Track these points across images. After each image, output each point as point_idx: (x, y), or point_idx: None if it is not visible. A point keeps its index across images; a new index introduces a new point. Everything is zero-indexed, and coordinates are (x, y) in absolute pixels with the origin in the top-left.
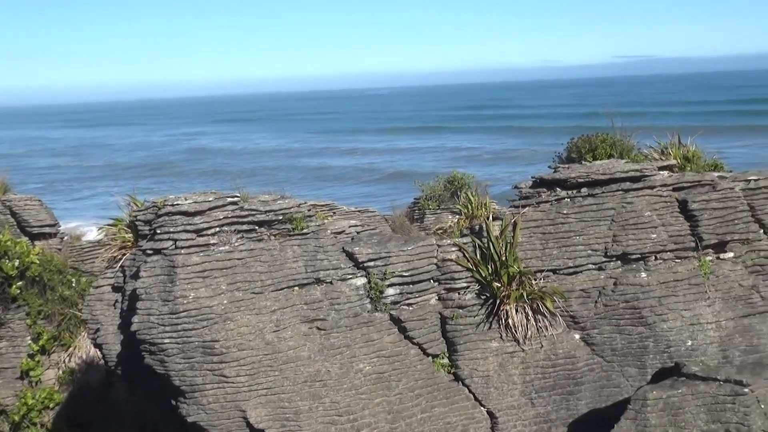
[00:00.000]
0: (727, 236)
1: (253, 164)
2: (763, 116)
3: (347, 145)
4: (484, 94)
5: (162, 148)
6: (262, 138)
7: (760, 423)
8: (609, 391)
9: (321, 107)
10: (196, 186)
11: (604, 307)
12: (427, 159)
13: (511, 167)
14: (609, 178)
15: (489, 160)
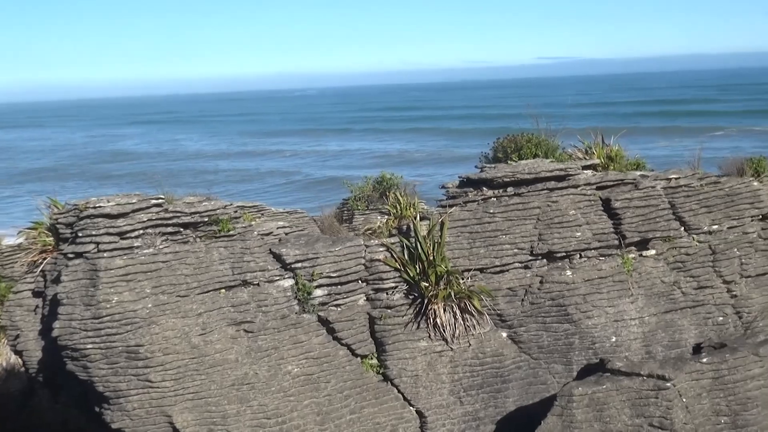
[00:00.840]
0: (650, 234)
1: (178, 166)
2: (679, 116)
3: (275, 147)
4: (409, 95)
5: (84, 150)
6: (189, 139)
7: (682, 416)
8: (536, 388)
9: (248, 108)
10: (120, 188)
11: (530, 305)
12: (354, 161)
13: (438, 169)
14: (534, 178)
15: (417, 162)
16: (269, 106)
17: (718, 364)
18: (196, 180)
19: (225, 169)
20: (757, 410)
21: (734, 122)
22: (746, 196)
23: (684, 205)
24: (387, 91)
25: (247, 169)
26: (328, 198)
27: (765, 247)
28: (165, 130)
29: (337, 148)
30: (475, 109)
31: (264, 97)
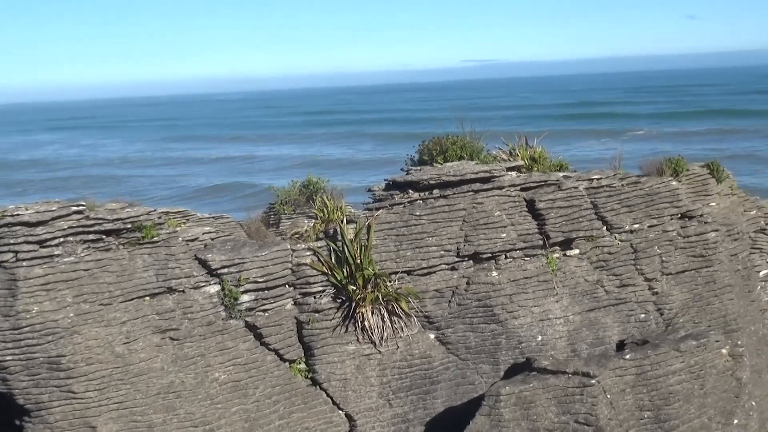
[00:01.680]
0: (573, 234)
1: (100, 172)
2: (600, 119)
3: (199, 153)
4: (335, 99)
5: (1, 156)
6: (112, 145)
7: (606, 412)
8: (464, 389)
9: (171, 113)
10: (40, 196)
11: (457, 307)
12: (276, 165)
13: (365, 173)
14: (460, 180)
15: (344, 166)
16: (192, 111)
17: (641, 360)
18: (119, 187)
19: (148, 175)
20: (679, 404)
21: (652, 124)
22: (666, 195)
23: (606, 204)
24: (317, 95)
25: (168, 175)
26: (252, 204)
27: (684, 245)
28: (86, 135)
29: (262, 153)
30: (403, 112)
31: (189, 101)
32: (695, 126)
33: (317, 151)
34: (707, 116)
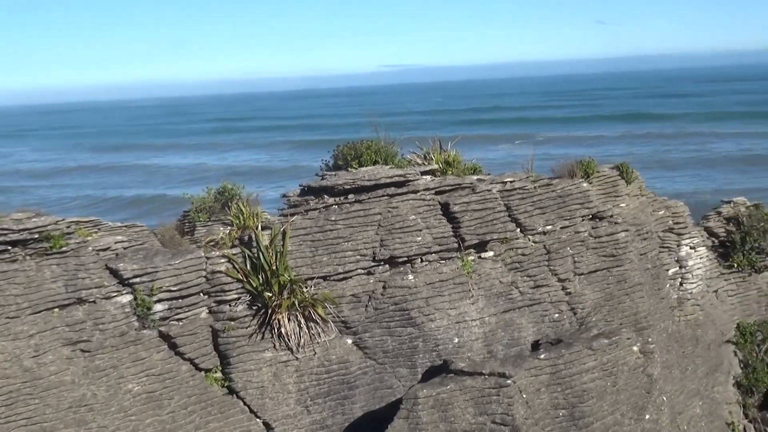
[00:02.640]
0: (487, 236)
1: (7, 183)
2: (511, 123)
3: (112, 162)
4: (253, 105)
5: None
6: (18, 153)
7: (522, 412)
8: (382, 393)
9: (81, 121)
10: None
11: (374, 311)
12: (194, 176)
13: (283, 180)
14: (374, 184)
15: (261, 174)
16: (104, 119)
17: (555, 360)
18: (26, 196)
19: (58, 185)
20: (593, 401)
21: (563, 128)
22: (577, 196)
23: (519, 207)
24: (233, 101)
25: (79, 184)
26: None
27: (596, 245)
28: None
29: (176, 162)
30: (321, 118)
31: (100, 108)
32: (604, 130)
33: (233, 160)
34: (616, 120)
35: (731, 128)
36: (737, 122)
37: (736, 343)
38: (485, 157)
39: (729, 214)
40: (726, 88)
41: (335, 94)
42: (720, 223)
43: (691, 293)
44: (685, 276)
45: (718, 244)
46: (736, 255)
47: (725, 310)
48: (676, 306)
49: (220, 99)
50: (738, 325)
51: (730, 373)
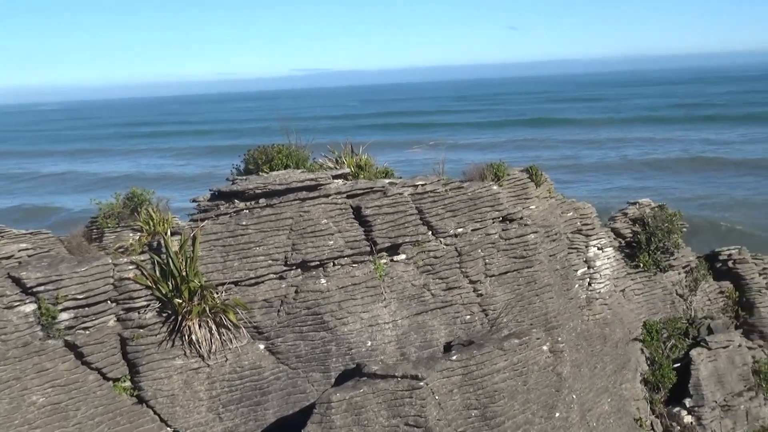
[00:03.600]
0: (399, 239)
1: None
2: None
3: (12, 170)
4: (162, 109)
5: None
6: None
7: (435, 413)
8: (296, 398)
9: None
10: None
11: (286, 316)
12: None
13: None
14: (286, 188)
15: (172, 180)
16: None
17: (467, 361)
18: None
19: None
20: (504, 401)
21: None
22: (487, 199)
23: (431, 210)
24: (141, 105)
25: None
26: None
27: (506, 247)
28: None
29: (81, 169)
30: (231, 123)
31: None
32: (514, 134)
33: (143, 166)
34: (527, 125)
35: (637, 133)
36: (642, 126)
37: (643, 341)
38: (397, 161)
39: (635, 215)
40: (634, 92)
41: (247, 98)
42: (626, 224)
43: (599, 293)
44: (593, 276)
45: (625, 244)
46: (642, 255)
47: (632, 309)
48: (585, 305)
49: (129, 103)
50: (644, 323)
51: (637, 370)
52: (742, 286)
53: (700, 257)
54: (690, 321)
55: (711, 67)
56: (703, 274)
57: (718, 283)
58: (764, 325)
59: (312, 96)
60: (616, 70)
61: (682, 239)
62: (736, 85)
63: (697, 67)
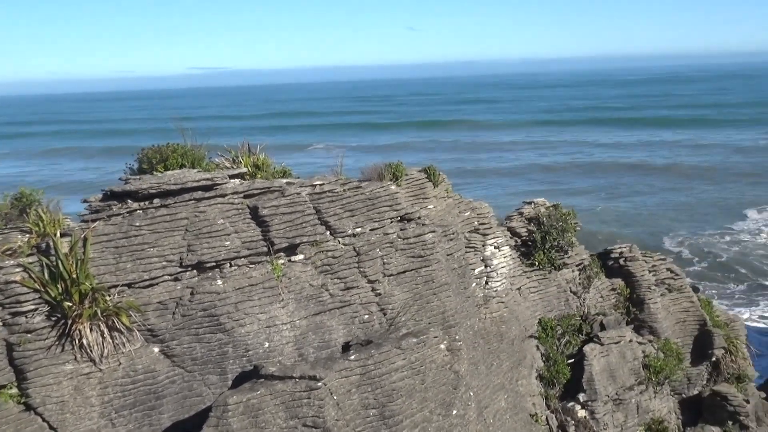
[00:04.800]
0: (297, 239)
1: None
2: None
3: None
4: (49, 108)
5: None
6: None
7: (333, 414)
8: (192, 401)
9: None
10: None
11: (182, 318)
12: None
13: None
14: (181, 188)
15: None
16: None
17: (365, 360)
18: None
19: None
20: (402, 400)
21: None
22: (385, 199)
23: (329, 210)
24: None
25: None
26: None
27: (404, 247)
28: None
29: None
30: (125, 123)
31: None
32: (411, 136)
33: (36, 166)
34: (424, 127)
35: (535, 136)
36: (542, 129)
37: (538, 338)
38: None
39: (530, 215)
40: (531, 94)
41: (142, 97)
42: (522, 223)
43: (496, 291)
44: (490, 275)
45: (521, 243)
46: (537, 253)
47: (528, 307)
48: (482, 304)
49: (18, 101)
50: (540, 320)
51: (533, 367)
52: (633, 283)
53: (592, 255)
54: (583, 317)
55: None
56: (595, 272)
57: (610, 281)
58: (654, 320)
59: (209, 95)
60: (515, 72)
61: (575, 238)
62: (628, 88)
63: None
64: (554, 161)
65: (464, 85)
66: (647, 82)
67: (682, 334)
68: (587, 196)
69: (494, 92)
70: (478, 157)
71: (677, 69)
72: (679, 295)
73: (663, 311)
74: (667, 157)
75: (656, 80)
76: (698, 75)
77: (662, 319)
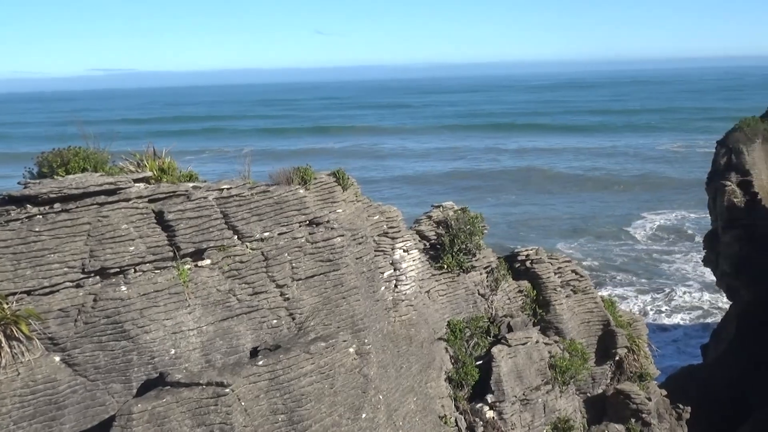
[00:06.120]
0: (204, 244)
1: None
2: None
3: None
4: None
5: None
6: None
7: (241, 420)
8: (95, 411)
9: None
10: None
11: (84, 325)
12: None
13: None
14: (83, 192)
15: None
16: None
17: (274, 365)
18: None
19: None
20: (311, 404)
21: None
22: (294, 203)
23: (236, 214)
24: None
25: None
26: None
27: (313, 251)
28: None
29: None
30: (23, 127)
31: None
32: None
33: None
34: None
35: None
36: (449, 134)
37: (447, 340)
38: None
39: (439, 218)
40: (436, 99)
41: (41, 98)
42: (431, 226)
43: (405, 294)
44: (399, 278)
45: (430, 246)
46: (446, 256)
47: (437, 309)
48: (391, 307)
49: None
50: (448, 322)
51: (442, 369)
52: (539, 284)
53: (500, 258)
54: (491, 319)
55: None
56: (503, 274)
57: (517, 283)
58: (559, 321)
59: (110, 98)
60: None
61: (483, 240)
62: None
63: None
64: (457, 167)
65: (372, 89)
66: (552, 87)
67: (586, 334)
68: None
69: (402, 97)
70: (384, 164)
71: (581, 75)
72: (584, 296)
73: (568, 312)
74: (566, 162)
75: (561, 86)
76: (601, 81)
77: (567, 320)
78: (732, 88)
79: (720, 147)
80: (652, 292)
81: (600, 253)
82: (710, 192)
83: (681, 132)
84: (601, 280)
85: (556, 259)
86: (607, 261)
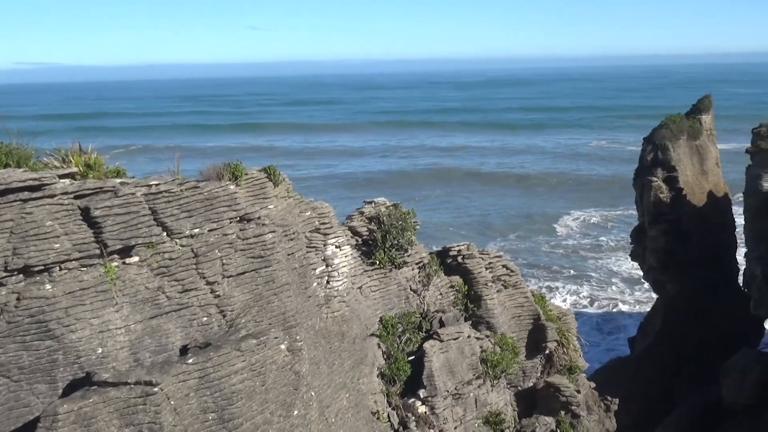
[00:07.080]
0: (132, 240)
1: None
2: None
3: None
4: None
5: None
6: None
7: (171, 419)
8: (18, 412)
9: None
10: None
11: (7, 325)
12: None
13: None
14: (5, 189)
15: None
16: None
17: (204, 363)
18: None
19: None
20: (242, 402)
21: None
22: (224, 199)
23: (165, 210)
24: None
25: None
26: None
27: (243, 247)
28: None
29: None
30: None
31: None
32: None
33: None
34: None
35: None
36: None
37: (380, 336)
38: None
39: (371, 214)
40: (372, 95)
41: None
42: (363, 222)
43: (337, 290)
44: (331, 274)
45: (362, 242)
46: (378, 252)
47: (369, 305)
48: (324, 303)
49: None
50: (381, 318)
51: (374, 365)
52: (471, 280)
53: (432, 253)
54: (423, 315)
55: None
56: (435, 270)
57: (449, 278)
58: (491, 316)
59: (35, 92)
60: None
61: (415, 236)
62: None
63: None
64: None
65: (305, 85)
66: (482, 84)
67: (517, 328)
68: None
69: (336, 92)
70: (315, 162)
71: (513, 72)
72: (515, 290)
73: (499, 307)
74: (495, 159)
75: (490, 83)
76: (532, 78)
77: (499, 315)
78: (658, 87)
79: (646, 144)
80: (580, 286)
81: (529, 249)
82: (637, 188)
83: (609, 130)
84: (531, 275)
85: (488, 254)
86: (537, 256)
